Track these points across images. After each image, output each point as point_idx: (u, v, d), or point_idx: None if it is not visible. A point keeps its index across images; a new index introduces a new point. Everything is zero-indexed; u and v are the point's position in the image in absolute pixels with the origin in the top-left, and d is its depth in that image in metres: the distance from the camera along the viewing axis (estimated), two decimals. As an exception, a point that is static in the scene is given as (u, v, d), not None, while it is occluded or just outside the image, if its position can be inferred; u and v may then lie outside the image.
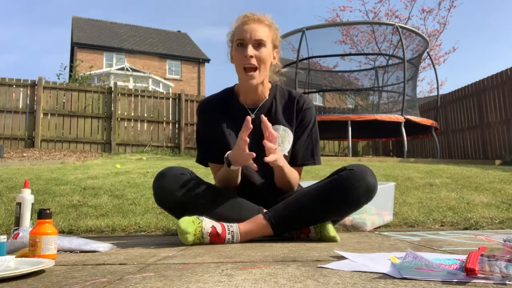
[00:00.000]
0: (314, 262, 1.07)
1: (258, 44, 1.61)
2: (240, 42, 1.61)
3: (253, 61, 1.60)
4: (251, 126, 1.47)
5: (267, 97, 1.73)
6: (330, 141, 11.41)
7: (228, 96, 1.76)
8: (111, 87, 9.73)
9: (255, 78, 1.62)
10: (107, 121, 9.53)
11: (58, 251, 1.33)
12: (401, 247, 1.38)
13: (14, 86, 8.86)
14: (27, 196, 1.62)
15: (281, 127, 1.70)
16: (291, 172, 1.67)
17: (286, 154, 1.70)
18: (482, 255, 0.84)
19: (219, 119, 1.72)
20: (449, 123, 9.52)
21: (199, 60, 24.42)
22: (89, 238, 1.56)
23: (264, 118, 1.50)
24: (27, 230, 1.37)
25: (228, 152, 1.58)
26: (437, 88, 8.94)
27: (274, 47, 1.69)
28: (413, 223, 2.26)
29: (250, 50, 1.59)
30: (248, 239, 1.55)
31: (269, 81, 1.76)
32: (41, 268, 1.01)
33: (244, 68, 1.62)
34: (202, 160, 1.80)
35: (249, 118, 1.48)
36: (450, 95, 9.54)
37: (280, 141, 1.69)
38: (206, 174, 2.80)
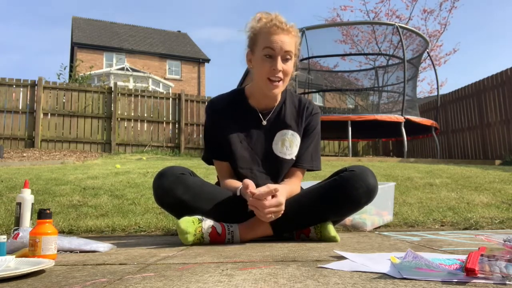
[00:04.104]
0: (314, 262, 1.07)
1: (286, 57, 1.58)
2: (269, 54, 1.57)
3: (280, 75, 1.58)
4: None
5: (277, 102, 1.73)
6: (330, 141, 11.41)
7: (238, 97, 1.74)
8: (111, 87, 9.73)
9: (279, 88, 1.61)
10: (107, 121, 9.52)
11: (58, 251, 1.33)
12: (401, 247, 1.38)
13: (14, 86, 8.86)
14: (27, 196, 1.61)
15: (290, 132, 1.70)
16: (293, 191, 1.66)
17: (294, 158, 1.70)
18: (482, 255, 0.84)
19: (229, 120, 1.70)
20: (449, 123, 9.52)
21: (199, 60, 24.42)
22: (89, 238, 1.56)
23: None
24: (27, 230, 1.37)
25: (240, 189, 1.57)
26: (437, 88, 8.95)
27: (295, 56, 1.67)
28: (413, 223, 2.25)
29: (279, 64, 1.56)
30: (248, 239, 1.56)
31: None
32: (41, 268, 1.01)
33: (268, 78, 1.59)
34: (209, 158, 1.79)
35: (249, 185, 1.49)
36: (450, 95, 9.54)
37: (288, 145, 1.69)
38: (206, 174, 2.81)
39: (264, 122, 1.70)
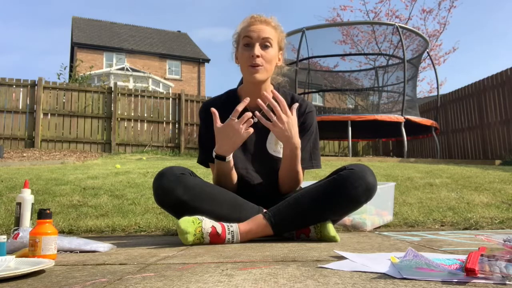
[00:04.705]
0: (314, 262, 1.07)
1: (265, 44, 1.63)
2: (247, 43, 1.63)
3: (259, 61, 1.62)
4: (250, 118, 1.52)
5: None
6: (330, 141, 11.41)
7: (230, 97, 1.77)
8: (111, 87, 9.73)
9: (259, 73, 1.64)
10: (107, 121, 9.53)
11: (58, 251, 1.33)
12: (401, 247, 1.38)
13: (14, 86, 8.86)
14: (27, 196, 1.62)
15: None
16: (299, 166, 1.68)
17: None
18: (482, 255, 0.84)
19: (222, 121, 1.71)
20: (449, 123, 9.51)
21: (199, 60, 24.42)
22: (89, 238, 1.56)
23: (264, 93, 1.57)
24: (27, 230, 1.37)
25: (214, 149, 1.61)
26: (437, 88, 8.95)
27: (280, 49, 1.71)
28: (413, 223, 2.25)
29: (257, 50, 1.61)
30: (248, 239, 1.55)
31: (272, 83, 1.77)
32: (41, 268, 1.01)
33: (249, 66, 1.64)
34: (203, 161, 1.81)
35: (248, 114, 1.52)
36: (450, 95, 9.54)
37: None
38: (206, 174, 2.81)
39: (255, 119, 1.69)
